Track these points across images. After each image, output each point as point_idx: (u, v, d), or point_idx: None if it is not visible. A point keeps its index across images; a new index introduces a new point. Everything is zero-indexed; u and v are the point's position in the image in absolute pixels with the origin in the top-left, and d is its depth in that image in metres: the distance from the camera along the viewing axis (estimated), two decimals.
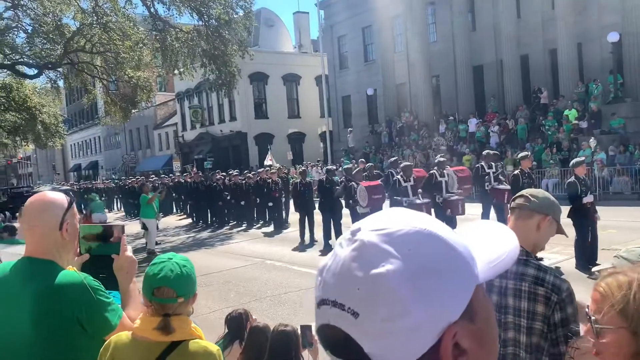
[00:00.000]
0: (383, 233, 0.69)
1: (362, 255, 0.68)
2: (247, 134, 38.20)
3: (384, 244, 0.68)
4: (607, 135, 19.18)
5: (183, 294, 1.92)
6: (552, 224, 2.25)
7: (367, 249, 0.68)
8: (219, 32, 19.32)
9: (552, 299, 2.07)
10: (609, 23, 21.02)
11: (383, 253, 0.67)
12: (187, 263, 2.01)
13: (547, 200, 2.27)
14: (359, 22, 33.45)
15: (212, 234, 17.14)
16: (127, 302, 2.23)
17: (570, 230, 8.91)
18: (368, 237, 0.69)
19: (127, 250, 2.28)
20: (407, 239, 0.68)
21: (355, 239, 0.70)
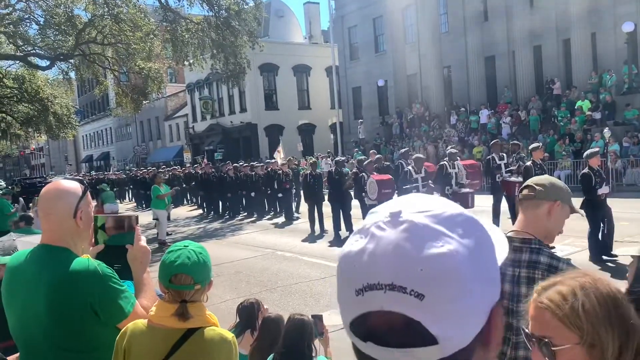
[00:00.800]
0: (430, 214, 0.69)
1: (417, 236, 0.66)
2: (257, 125, 38.22)
3: (436, 224, 0.67)
4: (621, 126, 18.96)
5: (199, 281, 1.94)
6: (563, 208, 2.24)
7: (420, 230, 0.67)
8: (229, 22, 19.31)
9: None
10: (624, 13, 20.70)
11: (438, 233, 0.67)
12: (203, 250, 2.03)
13: (552, 186, 2.25)
14: (369, 12, 33.22)
15: (222, 225, 17.21)
16: (141, 291, 2.25)
17: (583, 222, 8.87)
18: (417, 218, 0.68)
19: (141, 241, 2.31)
20: (454, 221, 0.69)
21: (402, 221, 0.68)
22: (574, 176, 17.41)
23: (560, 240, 9.64)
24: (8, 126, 31.68)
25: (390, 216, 0.70)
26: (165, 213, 13.94)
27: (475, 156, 20.20)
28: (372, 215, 0.73)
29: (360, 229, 0.73)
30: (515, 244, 2.19)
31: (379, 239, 0.68)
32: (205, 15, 20.61)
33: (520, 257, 2.16)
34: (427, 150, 23.41)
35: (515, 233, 2.24)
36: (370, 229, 0.70)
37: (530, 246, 2.18)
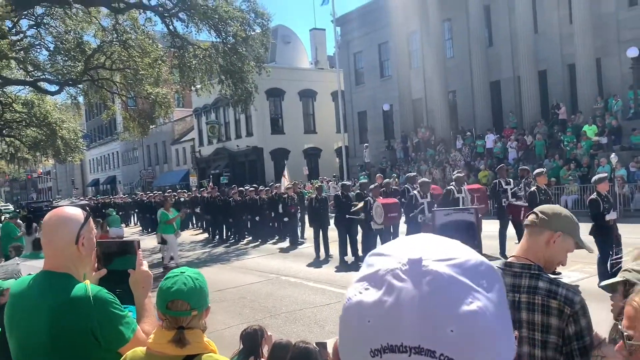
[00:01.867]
0: (453, 264, 0.62)
1: (444, 291, 0.59)
2: (263, 149, 38.42)
3: (461, 276, 0.61)
4: (627, 151, 18.91)
5: (196, 307, 1.93)
6: (565, 240, 2.23)
7: (447, 284, 0.60)
8: (236, 49, 19.58)
9: (565, 312, 2.06)
10: (629, 38, 20.85)
11: (466, 287, 0.60)
12: (200, 276, 2.02)
13: (556, 216, 2.25)
14: (375, 38, 33.66)
15: (227, 249, 17.16)
16: (143, 317, 2.26)
17: (596, 249, 8.76)
18: (441, 268, 0.61)
19: (143, 265, 2.33)
20: (477, 271, 0.63)
21: (425, 271, 0.61)
22: (581, 201, 17.32)
23: (568, 267, 9.50)
24: (16, 150, 32.01)
25: (409, 264, 0.62)
26: (174, 237, 13.74)
27: (481, 180, 20.15)
28: (380, 259, 0.65)
29: (369, 275, 0.64)
30: (516, 270, 2.20)
31: (399, 291, 0.60)
32: (213, 42, 20.91)
33: (520, 283, 2.16)
34: (433, 175, 23.38)
35: (515, 258, 2.25)
36: (385, 277, 0.62)
37: (530, 272, 2.18)
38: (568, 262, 7.21)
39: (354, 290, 0.65)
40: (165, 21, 19.91)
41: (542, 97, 24.51)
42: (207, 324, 5.35)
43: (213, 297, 9.91)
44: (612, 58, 22.07)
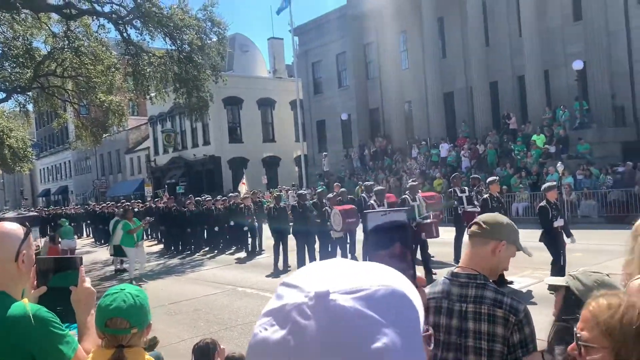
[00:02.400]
0: (360, 296, 0.59)
1: (349, 329, 0.56)
2: (221, 158, 38.04)
3: (368, 309, 0.58)
4: (574, 159, 19.68)
5: (137, 324, 1.89)
6: (508, 248, 2.29)
7: (352, 319, 0.57)
8: (192, 57, 19.37)
9: (510, 320, 2.10)
10: (574, 51, 21.79)
11: (372, 323, 0.57)
12: (140, 293, 1.98)
13: (499, 226, 2.30)
14: (333, 48, 34.00)
15: (183, 261, 16.86)
16: (84, 335, 2.19)
17: (541, 254, 9.05)
18: (348, 302, 0.58)
19: (86, 282, 2.25)
20: (386, 302, 0.60)
21: (330, 306, 0.57)
22: (531, 208, 17.89)
23: (518, 272, 9.81)
24: None
25: (315, 298, 0.58)
26: (134, 250, 13.15)
27: (435, 188, 20.55)
28: (288, 291, 0.62)
29: (276, 309, 0.61)
30: (462, 280, 2.23)
31: (303, 330, 0.57)
32: (168, 50, 20.63)
33: (467, 293, 2.19)
34: (390, 183, 23.70)
35: (461, 269, 2.28)
36: (291, 313, 0.58)
37: (476, 282, 2.22)
38: (519, 268, 7.41)
39: (259, 326, 0.61)
40: (119, 28, 19.52)
41: (494, 107, 25.28)
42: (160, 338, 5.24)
43: (167, 310, 9.77)
44: (559, 70, 23.00)
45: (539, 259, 9.68)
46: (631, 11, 21.21)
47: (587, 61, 21.07)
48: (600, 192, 17.60)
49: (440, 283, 2.31)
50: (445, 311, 2.21)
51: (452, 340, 2.17)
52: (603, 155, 19.92)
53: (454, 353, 2.17)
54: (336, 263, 0.67)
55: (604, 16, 21.26)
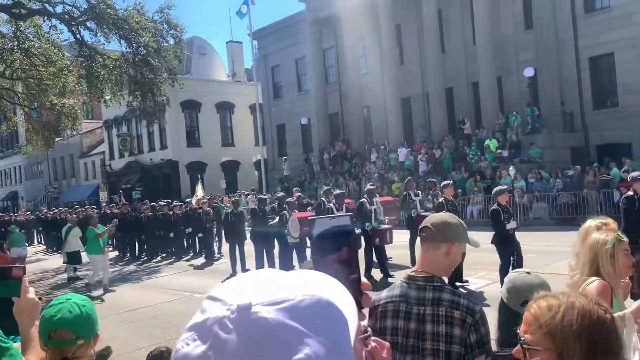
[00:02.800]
0: (284, 307, 0.58)
1: (270, 341, 0.55)
2: (179, 163, 37.43)
3: (292, 321, 0.57)
4: (526, 163, 20.32)
5: (82, 335, 1.84)
6: (460, 246, 2.35)
7: (274, 332, 0.56)
8: (148, 59, 19.04)
9: (467, 321, 2.14)
10: (526, 58, 22.53)
11: (296, 333, 0.56)
12: (87, 303, 1.93)
13: (449, 227, 2.34)
14: (292, 53, 34.05)
15: (139, 268, 16.51)
16: (29, 348, 2.11)
17: (495, 256, 9.30)
18: (270, 314, 0.57)
19: (29, 293, 2.17)
20: (311, 311, 0.59)
21: (252, 319, 0.56)
22: (485, 211, 18.35)
23: (473, 274, 10.06)
24: None
25: (237, 311, 0.57)
26: (99, 258, 12.54)
27: (394, 192, 20.83)
28: (212, 305, 0.61)
29: (198, 324, 0.60)
30: (420, 283, 2.27)
31: (224, 344, 0.56)
32: (123, 52, 20.19)
33: (425, 296, 2.22)
34: (349, 187, 23.88)
35: (416, 272, 2.32)
36: (212, 327, 0.57)
37: (433, 284, 2.26)
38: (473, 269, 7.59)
39: (182, 341, 0.60)
40: (72, 29, 18.99)
41: (449, 113, 25.84)
42: (115, 347, 5.13)
43: (122, 318, 9.54)
44: (512, 77, 23.73)
45: (493, 259, 9.96)
46: (579, 21, 22.11)
47: (538, 68, 21.82)
48: (550, 195, 18.23)
49: (398, 286, 2.33)
50: (403, 314, 2.23)
51: (410, 343, 2.19)
52: (553, 159, 20.67)
53: (411, 356, 2.19)
54: (263, 274, 0.67)
55: (553, 25, 22.08)
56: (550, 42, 22.01)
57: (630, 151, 19.97)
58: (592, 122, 22.02)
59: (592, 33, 21.63)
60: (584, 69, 22.19)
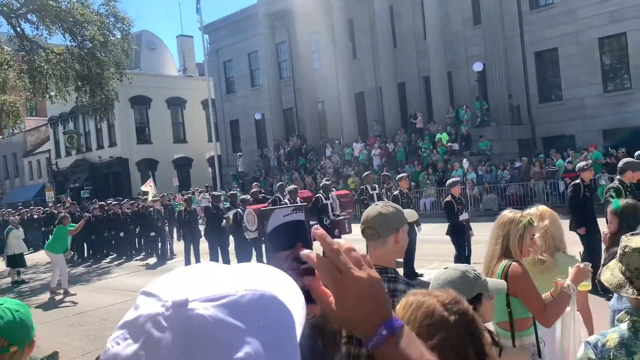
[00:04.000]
0: (224, 303, 0.54)
1: (208, 340, 0.52)
2: (129, 160, 36.47)
3: (231, 317, 0.54)
4: (476, 156, 20.84)
5: (16, 342, 1.73)
6: (404, 230, 2.36)
7: (212, 329, 0.52)
8: (94, 53, 18.38)
9: None
10: (475, 54, 23.06)
11: (235, 330, 0.53)
12: (21, 308, 1.81)
13: (387, 220, 2.33)
14: (244, 47, 33.67)
15: (88, 269, 16.01)
16: None
17: (447, 247, 9.50)
18: (208, 311, 0.53)
19: None
20: (253, 307, 0.56)
21: (188, 316, 0.53)
22: (437, 203, 18.73)
23: (426, 265, 10.22)
24: None
25: (173, 308, 0.54)
26: (62, 257, 12.03)
27: (349, 186, 20.95)
28: (146, 301, 0.57)
29: (130, 321, 0.56)
30: None
31: (157, 344, 0.52)
32: (67, 46, 19.42)
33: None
34: (305, 182, 23.85)
35: None
36: (145, 325, 0.54)
37: (387, 275, 2.25)
38: (427, 260, 7.75)
39: (111, 340, 0.57)
40: (12, 22, 18.12)
41: (402, 107, 26.18)
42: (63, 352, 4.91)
43: (71, 322, 9.19)
44: (461, 71, 24.25)
45: (445, 251, 10.15)
46: (525, 17, 22.80)
47: (487, 63, 22.38)
48: (499, 187, 18.76)
49: None
50: None
51: None
52: (502, 151, 21.29)
53: (366, 348, 2.17)
54: (204, 268, 0.63)
55: (500, 21, 22.68)
56: (498, 37, 22.61)
57: (574, 142, 20.79)
58: (538, 115, 22.80)
59: (537, 29, 22.36)
60: (530, 64, 22.93)
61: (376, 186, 12.51)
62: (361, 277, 0.76)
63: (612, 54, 21.66)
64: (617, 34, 20.82)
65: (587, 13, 21.08)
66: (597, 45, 21.35)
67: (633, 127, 19.89)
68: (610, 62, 21.75)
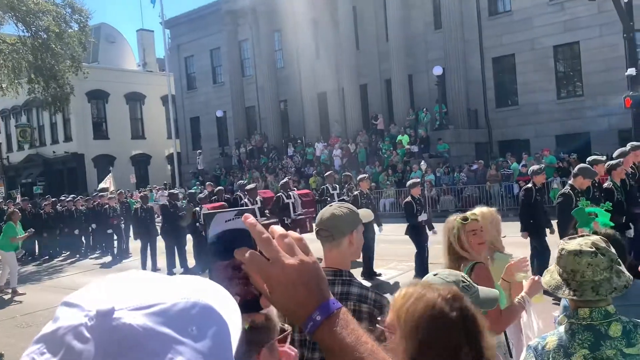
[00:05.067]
0: (154, 312, 0.52)
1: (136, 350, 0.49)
2: (85, 156, 35.46)
3: (163, 327, 0.51)
4: (434, 158, 21.21)
5: None
6: (358, 231, 2.35)
7: (140, 339, 0.50)
8: (49, 45, 17.77)
9: (374, 315, 2.16)
10: (435, 57, 23.46)
11: (166, 341, 0.51)
12: None
13: (341, 221, 2.32)
14: (206, 43, 33.24)
15: (39, 268, 15.49)
16: None
17: (405, 247, 9.63)
18: (136, 320, 0.51)
19: None
20: (187, 317, 0.54)
21: (115, 326, 0.50)
22: (396, 204, 18.97)
23: (384, 265, 10.34)
24: None
25: (97, 318, 0.51)
26: (12, 255, 11.57)
27: (311, 186, 20.98)
28: (66, 312, 0.54)
29: (48, 334, 0.53)
30: (329, 277, 2.23)
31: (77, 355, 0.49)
32: (20, 36, 18.72)
33: (334, 290, 2.19)
34: (267, 181, 23.75)
35: (325, 268, 2.28)
36: (65, 337, 0.51)
37: (342, 278, 2.25)
38: (385, 260, 7.86)
39: (26, 356, 0.53)
40: None
41: (363, 108, 26.40)
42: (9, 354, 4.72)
43: (18, 322, 8.87)
44: (421, 75, 24.63)
45: (403, 251, 10.29)
46: (483, 22, 23.35)
47: (446, 67, 22.80)
48: (457, 188, 19.15)
49: None
50: None
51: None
52: (459, 154, 21.75)
53: (319, 353, 2.16)
54: (133, 277, 0.60)
55: (460, 26, 23.17)
56: (458, 42, 23.08)
57: (529, 146, 21.43)
58: (494, 120, 23.39)
59: (496, 35, 22.93)
60: (488, 69, 23.49)
61: (337, 186, 12.57)
62: (290, 263, 0.75)
63: (565, 61, 22.44)
64: (571, 43, 21.58)
65: (543, 21, 21.76)
66: (552, 52, 22.07)
67: (584, 133, 20.68)
68: (564, 69, 22.52)
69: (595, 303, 1.85)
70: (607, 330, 1.81)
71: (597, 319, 1.83)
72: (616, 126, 19.51)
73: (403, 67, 24.16)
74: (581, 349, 1.79)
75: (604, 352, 1.77)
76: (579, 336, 1.82)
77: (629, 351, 1.77)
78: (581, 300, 1.85)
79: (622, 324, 1.83)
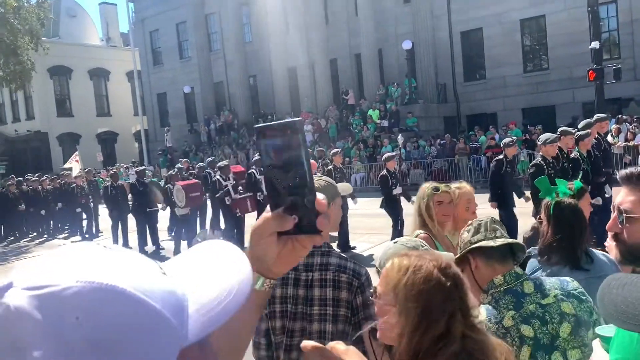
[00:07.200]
0: (41, 294, 0.48)
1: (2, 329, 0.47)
2: (49, 134, 34.51)
3: (38, 310, 0.47)
4: (404, 132, 21.37)
5: None
6: (336, 204, 2.36)
7: (12, 319, 0.47)
8: (7, 19, 17.08)
9: (353, 284, 2.19)
10: (404, 32, 23.45)
11: (34, 327, 0.47)
12: None
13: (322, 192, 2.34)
14: (172, 17, 32.42)
15: (5, 249, 15.12)
16: None
17: (378, 220, 9.76)
18: (16, 299, 0.48)
19: None
20: (74, 301, 0.48)
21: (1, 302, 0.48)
22: (367, 178, 19.14)
23: (356, 238, 10.48)
24: None
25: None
26: None
27: None
28: None
29: None
30: None
31: None
32: None
33: (313, 261, 2.23)
34: (238, 158, 23.58)
35: None
36: None
37: (321, 250, 2.28)
38: (357, 234, 7.94)
39: None
40: None
41: (334, 83, 26.31)
42: None
43: None
44: (391, 49, 24.62)
45: (374, 224, 10.44)
46: None
47: (415, 41, 22.84)
48: (426, 162, 19.41)
49: None
50: (291, 282, 2.21)
51: (299, 310, 2.19)
52: (428, 128, 21.98)
53: (300, 322, 2.19)
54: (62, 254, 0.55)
55: (429, 0, 23.14)
56: (426, 16, 23.10)
57: (496, 120, 21.79)
58: (463, 94, 23.65)
59: (464, 9, 23.01)
60: (456, 43, 23.63)
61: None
62: None
63: (532, 35, 22.73)
64: (537, 16, 21.83)
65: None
66: (518, 27, 22.31)
67: (549, 106, 21.11)
68: (530, 43, 22.83)
69: (504, 268, 1.97)
70: (523, 288, 1.92)
71: (511, 281, 1.94)
72: (580, 99, 19.98)
73: (373, 42, 24.10)
74: (508, 311, 1.88)
75: (527, 307, 1.87)
76: (502, 301, 1.91)
77: (545, 301, 1.89)
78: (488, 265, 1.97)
79: (532, 281, 1.95)
